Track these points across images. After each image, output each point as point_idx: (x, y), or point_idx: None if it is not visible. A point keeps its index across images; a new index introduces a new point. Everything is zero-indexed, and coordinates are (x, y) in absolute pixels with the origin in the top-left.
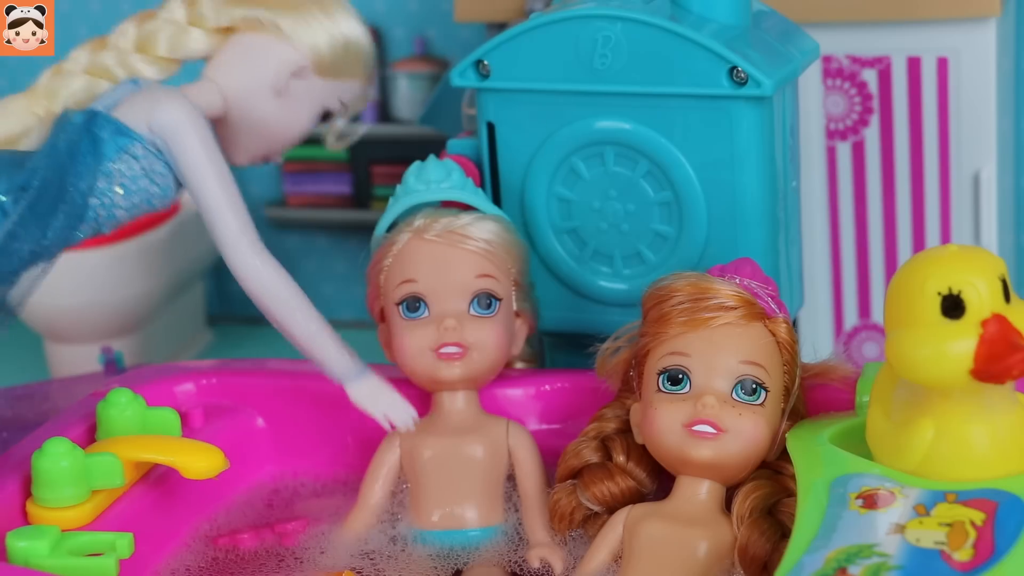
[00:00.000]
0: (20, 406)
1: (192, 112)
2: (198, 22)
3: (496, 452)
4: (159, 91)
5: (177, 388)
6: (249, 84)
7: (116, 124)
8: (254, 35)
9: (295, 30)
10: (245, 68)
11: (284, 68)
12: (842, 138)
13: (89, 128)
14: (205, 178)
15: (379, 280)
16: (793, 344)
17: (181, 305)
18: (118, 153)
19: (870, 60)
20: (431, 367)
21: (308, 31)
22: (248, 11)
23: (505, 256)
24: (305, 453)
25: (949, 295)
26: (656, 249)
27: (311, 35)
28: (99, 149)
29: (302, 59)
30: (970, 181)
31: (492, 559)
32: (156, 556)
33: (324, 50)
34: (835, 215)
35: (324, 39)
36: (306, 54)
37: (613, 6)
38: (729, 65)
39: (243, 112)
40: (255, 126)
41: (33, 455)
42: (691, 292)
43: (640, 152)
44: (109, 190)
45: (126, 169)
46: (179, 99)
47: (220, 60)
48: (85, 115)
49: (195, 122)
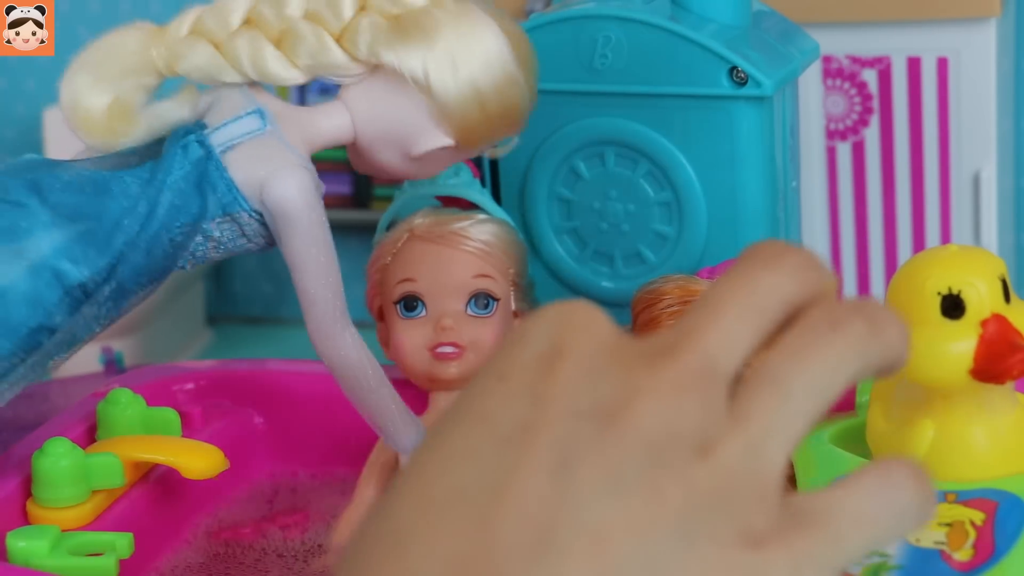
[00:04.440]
0: (20, 406)
1: (308, 193)
2: (348, 45)
3: None
4: (281, 154)
5: (177, 388)
6: (384, 137)
7: (228, 182)
8: (406, 91)
9: (446, 103)
10: (386, 119)
11: (425, 146)
12: (842, 138)
13: (201, 182)
14: (307, 267)
15: (378, 278)
16: None
17: (181, 305)
18: (222, 215)
19: (870, 60)
20: (428, 366)
21: (461, 104)
22: (400, 59)
23: (503, 257)
24: (305, 452)
25: (949, 295)
26: (656, 249)
27: (464, 111)
28: (204, 208)
29: (449, 140)
30: (970, 181)
31: None
32: (156, 556)
33: (477, 127)
34: (835, 215)
35: (478, 116)
36: (455, 134)
37: (613, 6)
38: (729, 65)
39: (369, 152)
40: (378, 165)
41: (33, 455)
42: (679, 295)
43: (640, 152)
44: (203, 247)
45: (226, 231)
46: (298, 176)
47: (363, 92)
48: (201, 155)
49: (309, 205)
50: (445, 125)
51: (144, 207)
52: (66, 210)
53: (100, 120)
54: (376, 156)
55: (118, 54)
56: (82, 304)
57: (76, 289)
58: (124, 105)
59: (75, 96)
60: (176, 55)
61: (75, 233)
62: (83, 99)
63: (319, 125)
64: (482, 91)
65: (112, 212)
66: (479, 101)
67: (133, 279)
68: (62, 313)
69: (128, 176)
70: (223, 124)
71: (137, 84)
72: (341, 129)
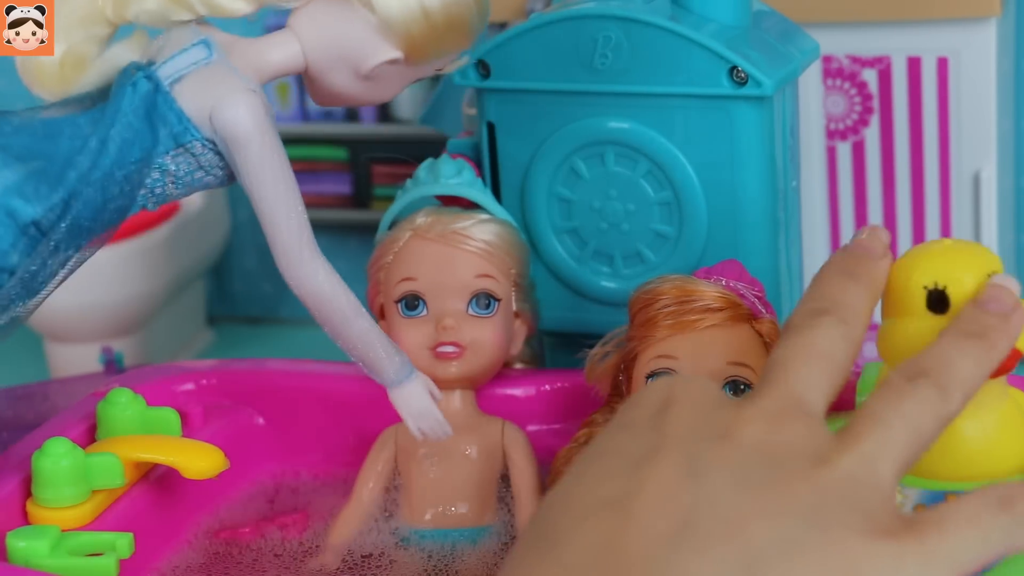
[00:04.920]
0: (20, 406)
1: (259, 116)
2: None
3: (490, 452)
4: (228, 79)
5: (177, 388)
6: (334, 59)
7: (179, 113)
8: (350, 8)
9: (389, 15)
10: (333, 40)
11: (374, 60)
12: (842, 138)
13: (150, 115)
14: (264, 190)
15: (379, 277)
16: None
17: (181, 305)
18: (175, 147)
19: (870, 60)
20: (428, 365)
21: (405, 15)
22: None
23: (505, 257)
24: (305, 452)
25: (935, 289)
26: (656, 249)
27: (408, 21)
28: (156, 140)
29: (396, 52)
30: (970, 181)
31: (484, 558)
32: (156, 556)
33: (423, 39)
34: (835, 215)
35: (423, 26)
36: (401, 46)
37: (613, 6)
38: (729, 65)
39: (322, 77)
40: (333, 91)
41: (33, 455)
42: (676, 295)
43: (640, 152)
44: (161, 183)
45: (182, 164)
46: (247, 99)
47: (308, 17)
48: (149, 88)
49: (261, 128)
50: (391, 39)
51: (95, 143)
52: (16, 151)
53: (53, 71)
54: (328, 81)
55: (66, 6)
56: (38, 242)
57: (30, 227)
58: (76, 55)
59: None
60: (124, 2)
61: (26, 172)
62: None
63: (268, 54)
64: (426, 1)
65: (64, 150)
66: (423, 11)
67: (89, 216)
68: (18, 253)
69: (81, 117)
70: (170, 58)
71: (87, 35)
72: (291, 57)
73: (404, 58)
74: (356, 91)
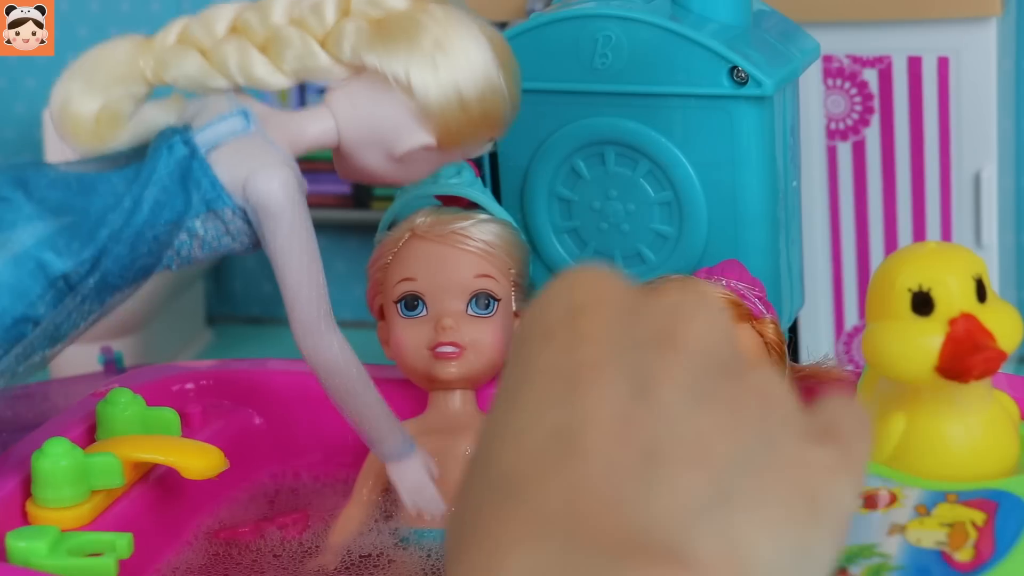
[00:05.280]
0: (20, 406)
1: (291, 190)
2: (332, 48)
3: None
4: (265, 152)
5: (177, 388)
6: (368, 139)
7: (213, 179)
8: (388, 92)
9: (427, 102)
10: (369, 121)
11: (408, 144)
12: (842, 138)
13: (185, 179)
14: (290, 263)
15: (379, 277)
16: (781, 344)
17: (181, 305)
18: (206, 211)
19: (870, 60)
20: (427, 365)
21: (443, 103)
22: (382, 61)
23: (505, 257)
24: (305, 453)
25: (919, 292)
26: (656, 249)
27: (445, 109)
28: (188, 204)
29: (430, 138)
30: (971, 181)
31: None
32: (156, 556)
33: (457, 127)
34: (835, 215)
35: (459, 115)
36: (436, 132)
37: (613, 6)
38: (729, 65)
39: (354, 155)
40: (364, 168)
41: (33, 455)
42: None
43: (640, 152)
44: (188, 245)
45: (210, 228)
46: (281, 173)
47: (346, 95)
48: (186, 153)
49: (293, 201)
50: (427, 125)
51: (129, 202)
52: (51, 204)
53: (88, 126)
54: (360, 158)
55: (106, 63)
56: (65, 296)
57: (59, 280)
58: (112, 112)
59: (64, 102)
60: (164, 64)
61: (59, 226)
62: (72, 105)
63: (303, 128)
64: (463, 92)
65: (97, 207)
66: (460, 101)
67: (117, 273)
68: (45, 304)
69: (115, 175)
70: (208, 124)
71: (125, 92)
72: (325, 132)
73: (437, 143)
74: (386, 171)
